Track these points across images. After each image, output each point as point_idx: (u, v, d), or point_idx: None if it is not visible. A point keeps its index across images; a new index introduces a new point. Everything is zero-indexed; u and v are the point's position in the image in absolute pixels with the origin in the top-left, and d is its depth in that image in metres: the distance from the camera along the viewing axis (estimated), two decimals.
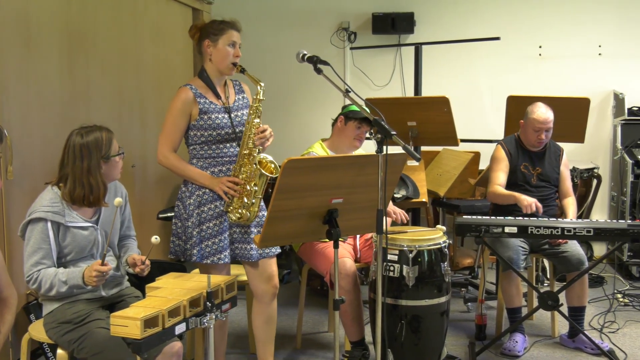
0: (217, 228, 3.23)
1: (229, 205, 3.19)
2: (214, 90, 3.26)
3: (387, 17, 6.37)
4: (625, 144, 5.83)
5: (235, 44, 3.22)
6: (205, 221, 3.22)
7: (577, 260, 3.95)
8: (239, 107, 3.31)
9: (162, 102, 5.58)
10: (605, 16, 6.23)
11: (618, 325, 4.48)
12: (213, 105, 3.22)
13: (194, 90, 3.22)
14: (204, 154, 3.25)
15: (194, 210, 3.23)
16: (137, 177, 5.13)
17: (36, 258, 2.79)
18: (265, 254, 3.32)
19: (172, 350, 2.72)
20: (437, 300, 3.48)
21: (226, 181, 3.16)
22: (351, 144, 3.89)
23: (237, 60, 3.23)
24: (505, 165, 4.21)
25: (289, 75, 6.52)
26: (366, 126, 3.86)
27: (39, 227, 2.80)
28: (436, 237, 3.54)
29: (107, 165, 2.92)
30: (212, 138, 3.21)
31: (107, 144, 2.91)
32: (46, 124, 3.91)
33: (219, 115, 3.22)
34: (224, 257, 3.23)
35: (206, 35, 3.23)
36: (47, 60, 3.95)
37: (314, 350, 4.16)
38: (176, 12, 5.94)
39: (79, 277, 2.77)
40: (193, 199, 3.23)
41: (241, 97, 3.36)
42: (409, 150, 2.72)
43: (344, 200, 2.77)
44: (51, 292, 2.79)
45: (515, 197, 3.98)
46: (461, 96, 6.06)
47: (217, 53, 3.21)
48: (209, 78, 3.26)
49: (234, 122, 3.24)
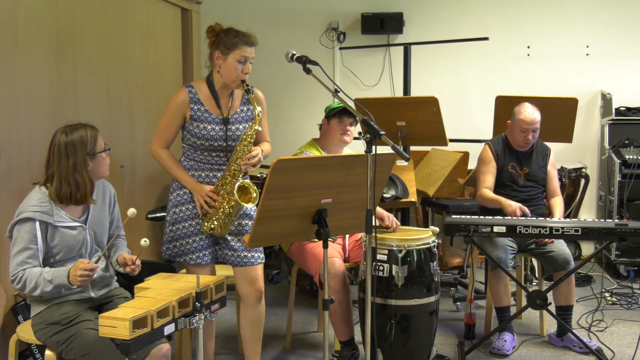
0: (193, 229, 3.24)
1: (205, 214, 3.20)
2: (216, 99, 3.22)
3: (376, 17, 6.38)
4: (613, 143, 5.87)
5: (246, 59, 3.14)
6: (181, 221, 3.24)
7: (563, 259, 3.97)
8: (237, 120, 3.25)
9: (150, 102, 5.57)
10: (593, 16, 6.27)
11: (606, 324, 4.50)
12: (207, 115, 3.19)
13: (192, 94, 3.19)
14: (191, 156, 3.26)
15: (171, 208, 3.27)
16: (126, 178, 5.11)
17: (22, 257, 2.77)
18: (246, 262, 3.30)
19: (160, 352, 2.71)
20: (426, 299, 3.49)
21: (205, 194, 3.15)
22: (340, 140, 3.86)
23: (245, 77, 3.17)
24: (493, 166, 4.22)
25: (278, 76, 6.51)
26: (347, 117, 3.82)
27: (27, 227, 2.79)
28: (425, 236, 3.55)
29: (93, 162, 2.91)
30: (201, 146, 3.21)
31: (92, 141, 2.90)
32: (34, 124, 3.89)
33: (210, 126, 3.18)
34: (196, 257, 3.24)
35: (218, 45, 3.16)
36: (35, 61, 3.93)
37: (303, 350, 4.16)
38: (165, 12, 5.92)
39: (64, 276, 2.75)
40: (173, 197, 3.27)
41: (245, 108, 3.30)
42: (398, 150, 2.73)
43: (333, 200, 2.77)
44: (35, 292, 2.77)
45: (501, 202, 4.01)
46: (450, 96, 6.08)
47: (226, 67, 3.15)
48: (214, 87, 3.23)
49: (228, 135, 3.21)
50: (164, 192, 5.74)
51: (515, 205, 3.94)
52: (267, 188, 2.57)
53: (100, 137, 2.95)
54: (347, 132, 3.85)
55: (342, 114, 3.82)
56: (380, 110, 4.65)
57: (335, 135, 3.86)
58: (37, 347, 3.59)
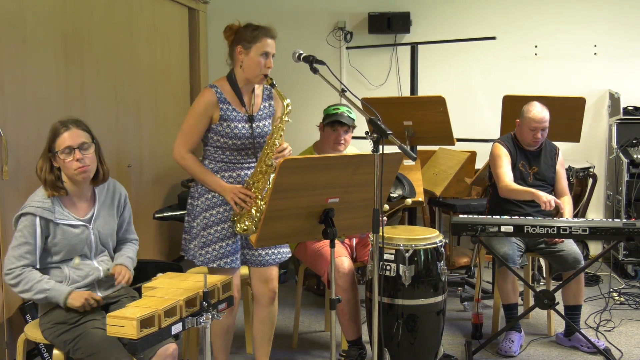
0: (225, 232, 3.19)
1: (236, 215, 3.16)
2: (240, 97, 3.20)
3: (383, 17, 6.37)
4: (621, 143, 5.84)
5: (268, 54, 3.12)
6: (213, 225, 3.18)
7: (573, 259, 3.96)
8: (262, 117, 3.25)
9: (157, 102, 5.58)
10: (600, 15, 6.24)
11: (614, 324, 4.49)
12: (235, 113, 3.16)
13: (218, 94, 3.16)
14: (217, 158, 3.21)
15: (201, 213, 3.19)
16: (133, 177, 5.12)
17: (20, 252, 2.79)
18: (261, 261, 3.30)
19: (167, 352, 2.71)
20: (433, 299, 3.49)
21: (239, 192, 3.11)
22: (333, 149, 3.82)
23: (268, 72, 3.14)
24: (509, 161, 4.20)
25: (284, 75, 6.49)
26: (340, 127, 3.78)
27: (28, 221, 2.80)
28: (432, 236, 3.55)
29: (55, 160, 2.87)
30: (228, 146, 3.18)
31: (51, 136, 2.87)
32: (41, 124, 3.90)
33: (239, 125, 3.16)
34: (230, 261, 3.18)
35: (239, 40, 3.14)
36: (43, 61, 3.95)
37: (310, 350, 4.16)
38: (172, 12, 5.93)
39: (62, 296, 2.79)
40: (201, 201, 3.20)
41: (267, 104, 3.30)
42: (405, 149, 2.72)
43: (340, 200, 2.77)
44: (24, 294, 2.80)
45: (533, 193, 3.95)
46: (457, 96, 6.06)
47: (249, 62, 3.13)
48: (237, 84, 3.20)
49: (255, 133, 3.20)
50: (171, 191, 5.75)
51: (549, 196, 3.90)
52: (274, 188, 2.57)
53: (66, 136, 2.84)
54: (340, 141, 3.80)
55: (335, 124, 3.78)
56: (388, 109, 4.65)
57: (329, 143, 3.83)
58: (44, 347, 3.60)
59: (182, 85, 6.11)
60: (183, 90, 6.15)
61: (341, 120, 3.76)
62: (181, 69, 6.11)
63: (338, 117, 3.77)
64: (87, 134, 2.92)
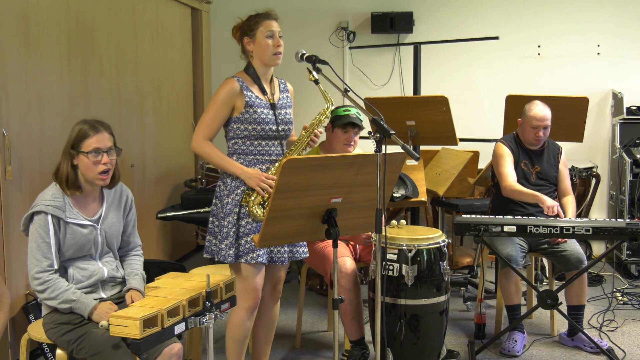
0: (250, 226, 3.12)
1: (254, 199, 3.11)
2: (260, 85, 3.20)
3: (386, 17, 6.37)
4: (624, 143, 5.84)
5: (274, 33, 3.14)
6: (245, 216, 3.12)
7: (576, 259, 3.96)
8: (282, 106, 3.26)
9: (161, 102, 5.59)
10: (603, 15, 6.24)
11: (617, 324, 4.48)
12: (259, 100, 3.16)
13: (240, 82, 3.14)
14: (245, 150, 3.16)
15: (234, 208, 3.13)
16: (136, 177, 5.13)
17: (42, 252, 2.79)
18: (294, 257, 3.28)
19: (171, 352, 2.71)
20: (436, 299, 3.49)
21: (265, 178, 3.07)
22: (342, 150, 3.82)
23: (279, 50, 3.14)
24: (511, 160, 4.19)
25: (287, 75, 6.50)
26: (352, 129, 3.80)
27: (41, 220, 2.80)
28: (435, 236, 3.55)
29: (78, 159, 2.87)
30: (256, 133, 3.14)
31: (79, 137, 2.87)
32: (45, 123, 3.91)
33: (265, 110, 3.15)
34: (257, 256, 3.10)
35: (244, 33, 3.18)
36: (46, 60, 3.95)
37: (313, 350, 4.16)
38: (175, 12, 5.94)
39: (87, 309, 2.80)
40: (232, 198, 3.13)
41: (285, 96, 3.31)
42: (407, 149, 2.72)
43: (343, 200, 2.77)
44: (50, 302, 2.81)
45: (537, 197, 3.95)
46: (460, 95, 6.06)
47: (257, 47, 3.14)
48: (256, 73, 3.20)
49: (278, 120, 3.20)
50: (174, 191, 5.76)
51: (553, 201, 3.91)
52: (277, 188, 2.57)
53: (95, 139, 2.86)
54: (350, 142, 3.82)
55: (347, 126, 3.80)
56: (390, 109, 4.65)
57: (339, 144, 3.83)
58: (48, 346, 3.61)
59: (185, 85, 6.12)
60: (186, 90, 6.16)
61: (354, 121, 3.77)
62: (184, 69, 6.12)
63: (350, 119, 3.78)
64: (112, 138, 2.95)
